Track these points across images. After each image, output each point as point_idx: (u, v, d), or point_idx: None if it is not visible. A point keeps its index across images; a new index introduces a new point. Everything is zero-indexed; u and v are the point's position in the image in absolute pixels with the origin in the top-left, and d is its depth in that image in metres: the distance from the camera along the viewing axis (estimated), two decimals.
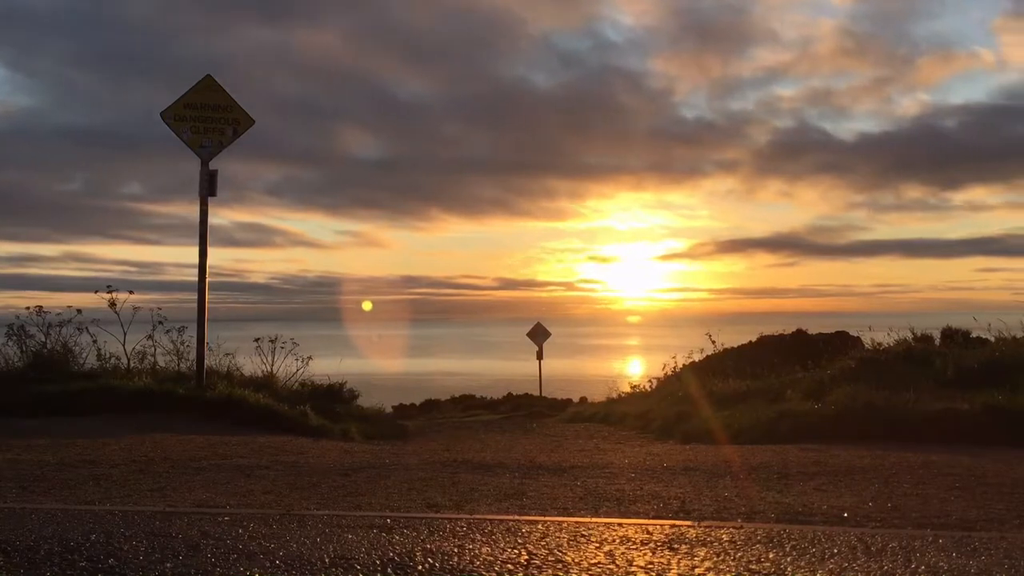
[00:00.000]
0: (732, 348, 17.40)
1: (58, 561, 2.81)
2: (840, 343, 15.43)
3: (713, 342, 16.68)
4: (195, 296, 9.59)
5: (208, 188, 9.51)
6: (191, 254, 9.66)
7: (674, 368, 17.34)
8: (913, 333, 12.20)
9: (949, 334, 12.12)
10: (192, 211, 9.74)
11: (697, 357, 16.93)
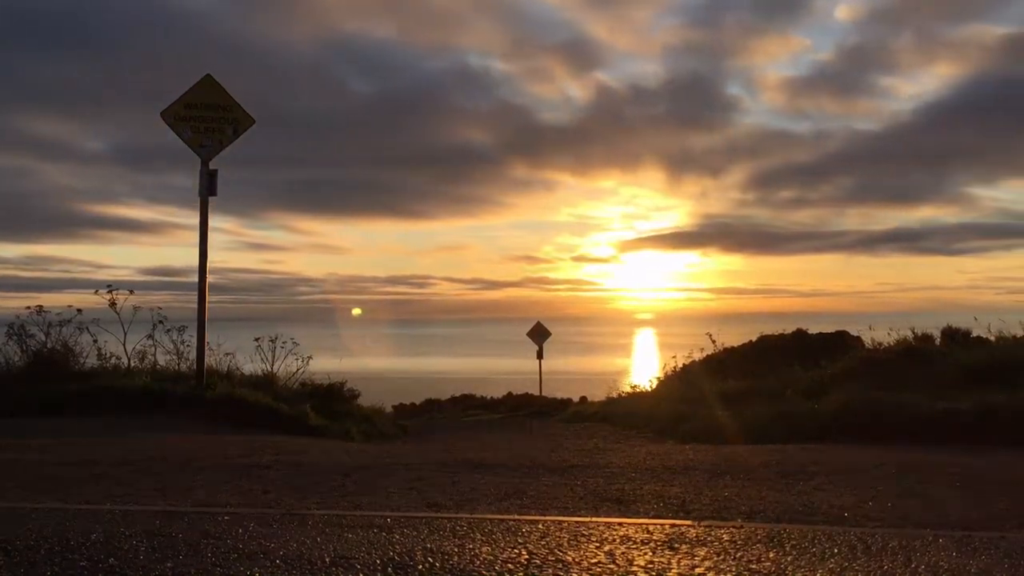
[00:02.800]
0: (732, 348, 17.39)
1: (58, 561, 2.81)
2: (840, 343, 15.44)
3: (713, 342, 16.69)
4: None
5: (208, 188, 9.51)
6: None
7: (674, 368, 17.36)
8: (913, 332, 12.21)
9: (949, 334, 12.12)
10: None
11: (697, 357, 16.94)
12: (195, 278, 9.58)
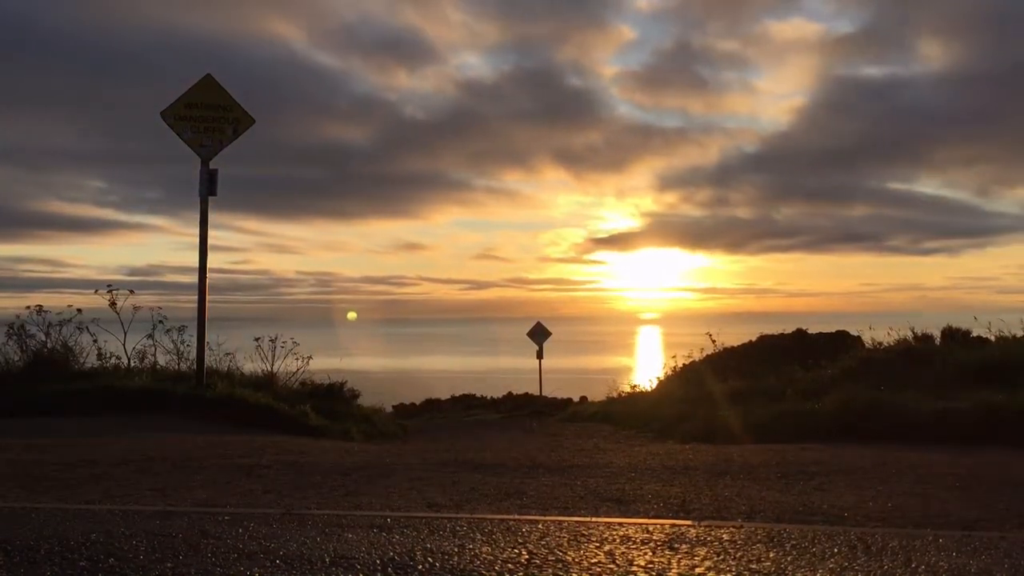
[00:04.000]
0: (732, 348, 17.39)
1: (58, 561, 2.81)
2: (840, 342, 15.44)
3: (713, 342, 16.68)
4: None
5: (208, 188, 9.51)
6: None
7: (674, 368, 17.35)
8: (913, 332, 12.21)
9: (949, 333, 12.12)
10: None
11: (697, 357, 16.93)
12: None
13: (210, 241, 9.57)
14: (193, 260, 9.56)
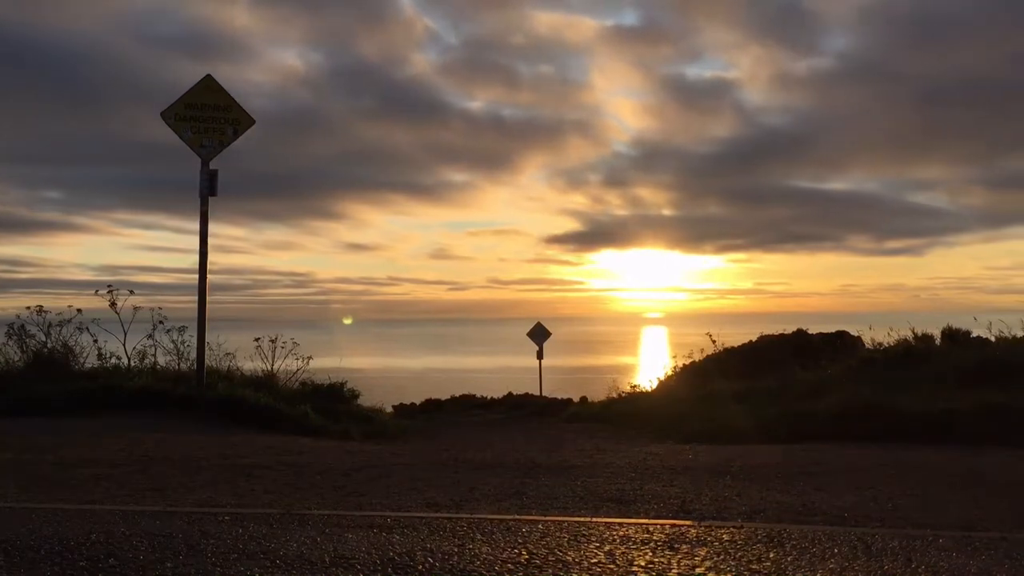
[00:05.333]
0: (732, 348, 17.37)
1: (58, 561, 2.81)
2: (840, 343, 15.43)
3: (713, 342, 16.65)
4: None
5: (209, 188, 9.50)
6: None
7: (674, 368, 17.34)
8: (913, 332, 12.19)
9: (949, 334, 12.11)
10: None
11: (697, 357, 16.91)
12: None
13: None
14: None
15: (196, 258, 9.33)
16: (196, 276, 9.32)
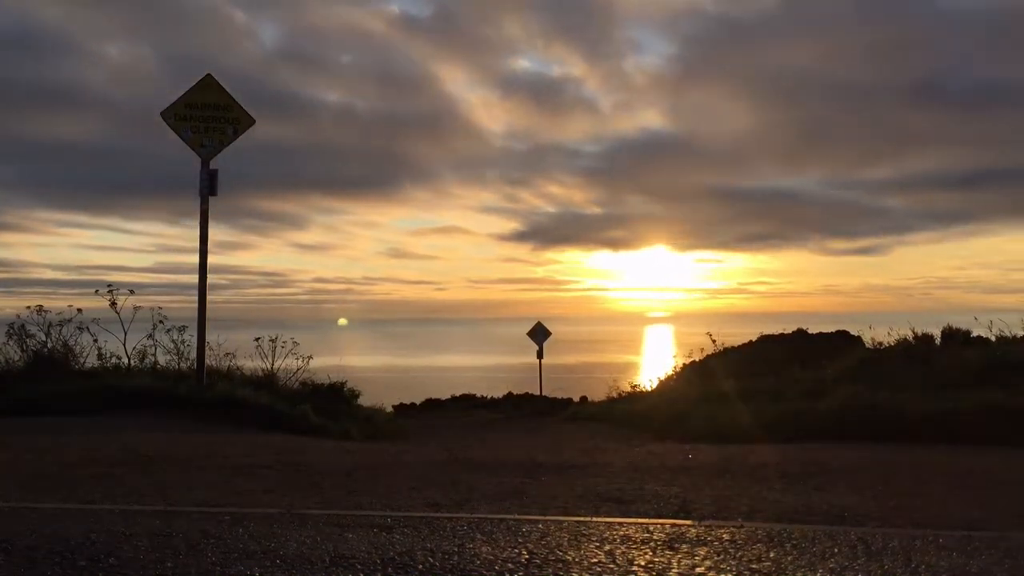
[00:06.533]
0: (732, 348, 17.38)
1: (58, 561, 2.81)
2: (840, 342, 15.44)
3: (714, 341, 16.67)
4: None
5: (209, 187, 9.51)
6: None
7: (675, 368, 17.35)
8: (913, 332, 12.20)
9: (949, 333, 12.11)
10: None
11: (697, 357, 16.93)
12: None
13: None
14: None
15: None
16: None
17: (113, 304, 10.26)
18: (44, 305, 10.12)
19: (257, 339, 11.27)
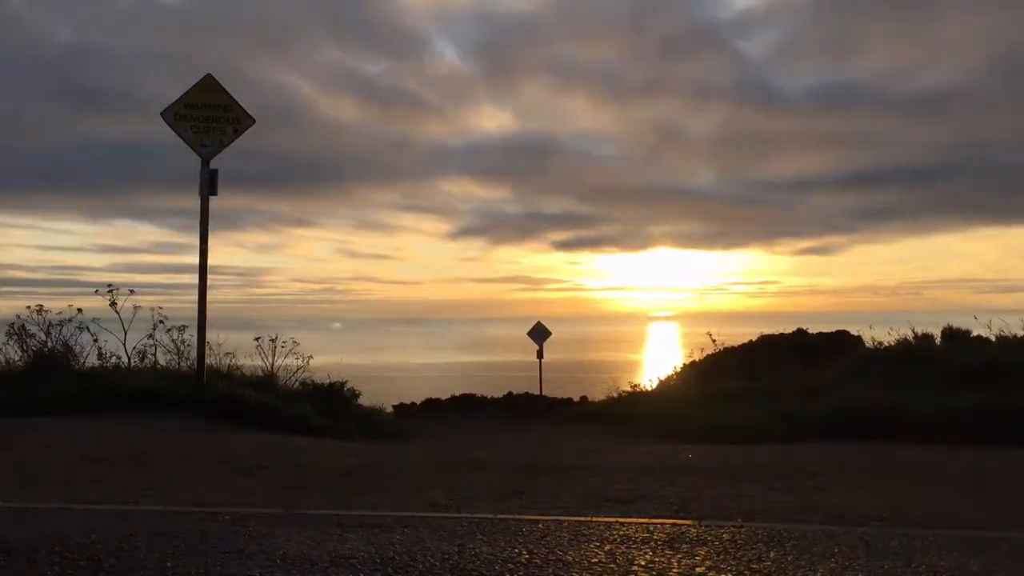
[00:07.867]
0: (733, 348, 17.37)
1: (58, 560, 2.81)
2: (840, 342, 15.44)
3: (714, 341, 16.65)
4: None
5: (209, 187, 9.50)
6: None
7: (676, 368, 17.34)
8: (914, 332, 12.20)
9: (949, 333, 12.12)
10: None
11: (698, 357, 16.91)
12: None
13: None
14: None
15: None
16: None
17: (113, 304, 10.26)
18: (44, 305, 10.11)
19: (257, 339, 11.27)
